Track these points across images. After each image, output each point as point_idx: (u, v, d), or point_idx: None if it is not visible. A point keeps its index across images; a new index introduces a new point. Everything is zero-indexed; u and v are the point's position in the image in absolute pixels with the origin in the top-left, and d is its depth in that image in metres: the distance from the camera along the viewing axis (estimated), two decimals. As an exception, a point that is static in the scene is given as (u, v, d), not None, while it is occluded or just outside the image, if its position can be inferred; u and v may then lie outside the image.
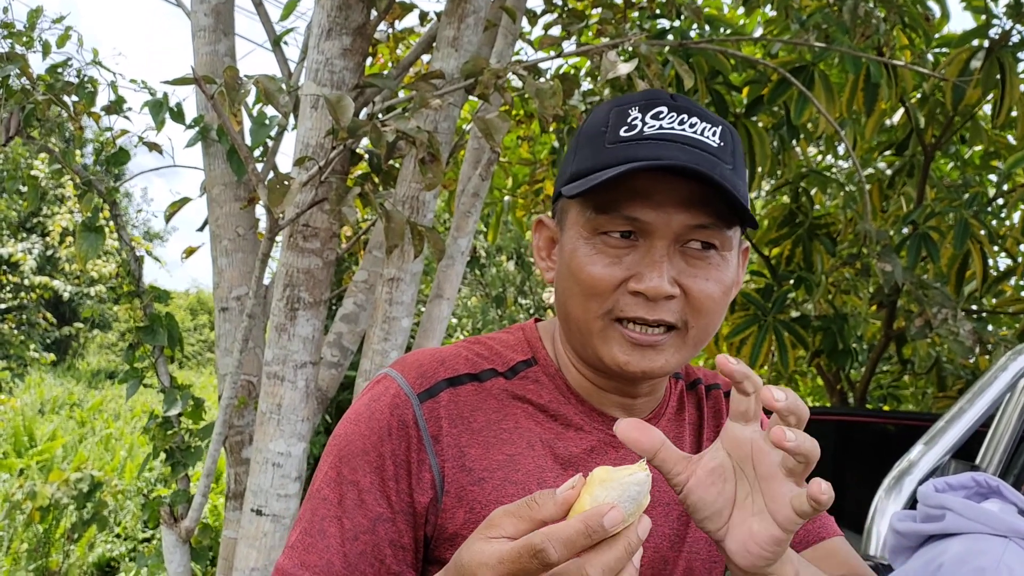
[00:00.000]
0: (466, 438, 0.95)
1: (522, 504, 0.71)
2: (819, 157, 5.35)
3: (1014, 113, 3.88)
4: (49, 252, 16.05)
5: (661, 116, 0.92)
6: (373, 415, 0.95)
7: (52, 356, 14.37)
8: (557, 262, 0.99)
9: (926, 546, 1.59)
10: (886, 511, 2.28)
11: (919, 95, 4.25)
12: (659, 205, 0.90)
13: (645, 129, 0.91)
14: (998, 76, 3.67)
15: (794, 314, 4.12)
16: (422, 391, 0.95)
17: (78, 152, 3.01)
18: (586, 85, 4.18)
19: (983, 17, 3.92)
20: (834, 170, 5.14)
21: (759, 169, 3.70)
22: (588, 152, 0.94)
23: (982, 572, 1.42)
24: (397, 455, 0.93)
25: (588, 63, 4.13)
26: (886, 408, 5.68)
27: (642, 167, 0.87)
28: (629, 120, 0.93)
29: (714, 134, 0.92)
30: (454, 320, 8.75)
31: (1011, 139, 4.42)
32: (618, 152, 0.90)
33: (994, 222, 4.47)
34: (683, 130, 0.91)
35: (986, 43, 3.76)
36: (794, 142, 4.03)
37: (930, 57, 4.05)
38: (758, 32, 4.36)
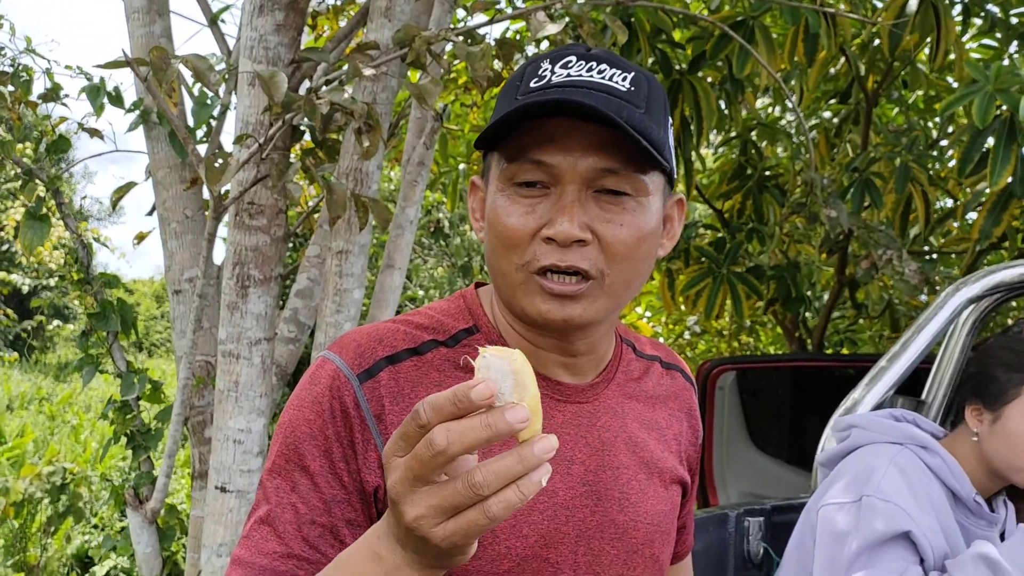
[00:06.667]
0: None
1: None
2: (769, 109, 5.40)
3: (952, 56, 3.94)
4: (4, 247, 15.74)
5: (570, 65, 0.94)
6: (316, 399, 0.95)
7: (16, 355, 14.13)
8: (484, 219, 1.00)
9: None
10: (831, 448, 2.36)
11: (860, 43, 4.30)
12: (567, 149, 0.91)
13: (553, 79, 0.93)
14: (934, 20, 3.71)
15: (749, 265, 4.18)
16: (361, 371, 0.96)
17: (26, 143, 2.99)
18: (532, 49, 4.19)
19: (918, -38, 3.96)
20: (784, 122, 5.19)
21: (706, 124, 3.74)
22: (501, 105, 0.96)
23: (872, 470, 1.55)
24: (342, 437, 0.93)
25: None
26: (844, 352, 5.80)
27: (531, 103, 0.89)
28: (539, 72, 0.95)
29: (624, 79, 0.93)
30: (421, 292, 8.74)
31: (951, 81, 4.49)
32: (526, 101, 0.92)
33: (938, 164, 4.54)
34: (590, 77, 0.93)
35: (921, -13, 3.80)
36: (739, 96, 4.06)
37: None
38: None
